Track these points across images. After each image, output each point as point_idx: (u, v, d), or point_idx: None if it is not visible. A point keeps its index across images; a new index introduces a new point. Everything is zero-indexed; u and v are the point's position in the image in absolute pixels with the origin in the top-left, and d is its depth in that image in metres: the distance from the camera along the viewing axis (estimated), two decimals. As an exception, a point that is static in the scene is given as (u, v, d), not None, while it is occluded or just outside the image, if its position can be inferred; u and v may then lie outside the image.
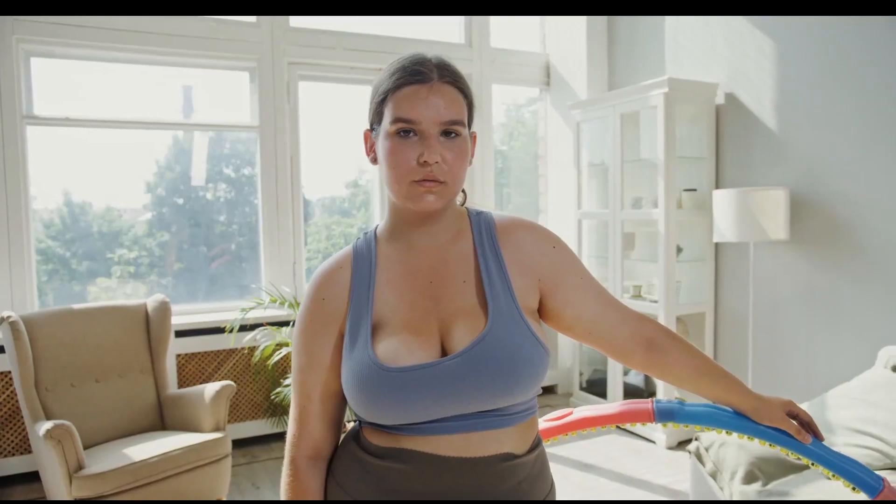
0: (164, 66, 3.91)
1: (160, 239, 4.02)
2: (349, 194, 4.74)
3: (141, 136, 3.93)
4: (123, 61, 3.80)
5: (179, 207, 4.07)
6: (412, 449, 0.92)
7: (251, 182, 4.21)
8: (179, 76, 4.01)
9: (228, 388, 2.96)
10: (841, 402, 2.59)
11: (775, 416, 1.12)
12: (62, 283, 3.80)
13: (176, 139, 4.05)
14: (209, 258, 4.11)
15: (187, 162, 4.07)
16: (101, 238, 3.89)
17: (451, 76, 0.99)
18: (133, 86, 3.92)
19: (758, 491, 2.30)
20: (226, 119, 4.08)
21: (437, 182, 0.96)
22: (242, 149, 4.22)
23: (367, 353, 0.93)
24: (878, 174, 3.00)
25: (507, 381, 0.91)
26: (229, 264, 4.18)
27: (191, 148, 4.08)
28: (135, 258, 3.99)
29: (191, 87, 4.07)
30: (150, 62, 3.86)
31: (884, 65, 2.94)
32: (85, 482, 2.45)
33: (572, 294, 1.04)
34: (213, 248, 4.12)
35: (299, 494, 0.99)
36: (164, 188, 4.04)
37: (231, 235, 4.17)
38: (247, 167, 4.24)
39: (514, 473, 0.95)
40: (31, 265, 3.54)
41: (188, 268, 4.08)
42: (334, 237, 4.60)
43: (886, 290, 2.98)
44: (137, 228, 4.01)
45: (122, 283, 3.95)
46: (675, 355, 1.08)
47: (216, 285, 4.13)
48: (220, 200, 4.19)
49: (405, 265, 1.02)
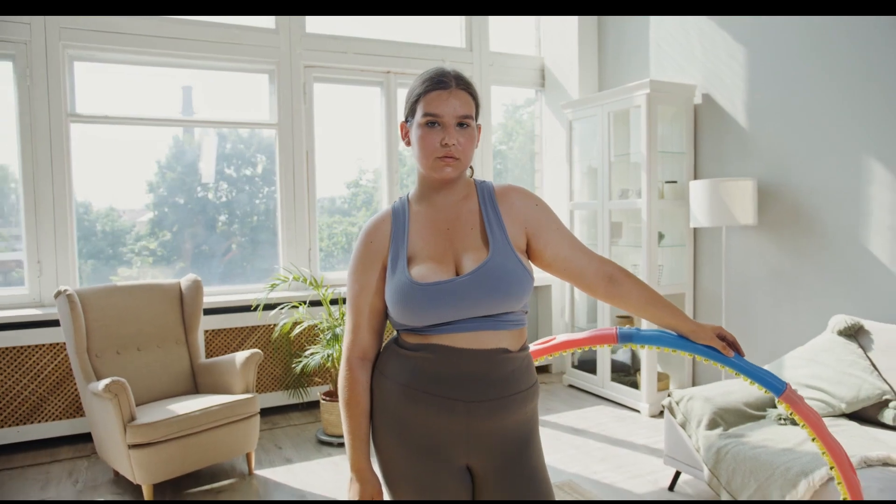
0: (192, 69, 4.29)
1: (174, 231, 4.34)
2: (350, 194, 5.03)
3: (156, 133, 4.25)
4: (154, 64, 4.18)
5: (193, 201, 4.40)
6: (436, 343, 1.29)
7: (251, 181, 4.55)
8: (204, 78, 4.38)
9: (256, 356, 3.33)
10: (795, 362, 2.97)
11: (708, 337, 1.48)
12: (93, 269, 4.16)
13: (176, 140, 4.36)
14: (221, 251, 4.46)
15: (204, 160, 4.40)
16: (112, 234, 4.22)
17: (465, 84, 1.36)
18: (159, 86, 4.29)
19: (719, 435, 2.68)
20: (246, 117, 4.45)
21: (453, 158, 1.34)
22: (243, 148, 4.56)
23: (405, 275, 1.31)
24: (834, 167, 3.38)
25: (501, 293, 1.28)
26: (244, 251, 4.53)
27: (200, 146, 4.40)
28: (153, 249, 4.33)
29: (190, 87, 4.39)
30: (179, 65, 4.24)
31: (841, 70, 3.32)
32: (138, 430, 2.83)
33: (550, 238, 1.41)
34: (222, 242, 4.46)
35: (351, 383, 1.36)
36: (169, 184, 4.36)
37: (232, 234, 4.49)
38: (248, 167, 4.57)
39: (509, 364, 1.32)
40: (74, 248, 3.91)
41: (204, 255, 4.42)
42: (336, 236, 4.92)
43: (838, 267, 3.36)
44: (142, 226, 4.32)
45: (142, 271, 4.30)
46: (628, 287, 1.45)
47: (233, 270, 4.49)
48: (220, 200, 4.50)
49: (429, 218, 1.39)
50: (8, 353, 3.57)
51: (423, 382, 1.30)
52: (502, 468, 1.33)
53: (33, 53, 3.72)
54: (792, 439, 2.52)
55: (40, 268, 3.80)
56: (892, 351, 2.76)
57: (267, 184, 4.59)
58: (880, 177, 3.17)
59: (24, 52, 3.72)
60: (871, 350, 2.82)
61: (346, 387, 1.38)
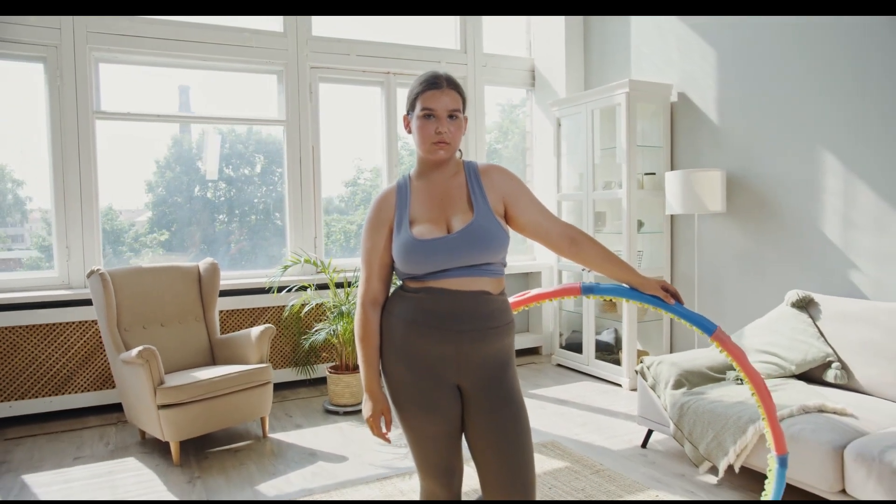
0: (207, 71, 4.63)
1: (172, 230, 4.67)
2: (348, 193, 5.31)
3: (156, 131, 4.56)
4: (173, 66, 4.52)
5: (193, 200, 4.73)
6: (433, 286, 1.63)
7: (250, 180, 4.89)
8: (218, 78, 4.72)
9: (270, 330, 3.67)
10: (754, 331, 3.32)
11: (654, 288, 1.82)
12: (114, 255, 4.49)
13: (175, 139, 4.67)
14: (227, 243, 4.80)
15: (209, 157, 4.71)
16: (112, 232, 4.55)
17: (453, 85, 1.70)
18: (172, 86, 4.63)
19: (683, 393, 3.03)
20: (257, 114, 4.79)
21: (445, 143, 1.68)
22: (242, 148, 4.89)
23: (408, 234, 1.65)
24: (794, 159, 3.73)
25: (483, 247, 1.62)
26: (251, 239, 4.85)
27: (204, 143, 4.71)
28: (165, 240, 4.66)
29: (187, 87, 4.71)
30: (194, 66, 4.58)
31: (801, 70, 3.67)
32: (167, 392, 3.16)
33: (524, 207, 1.75)
34: (225, 236, 4.80)
35: (365, 322, 1.70)
36: (168, 183, 4.68)
37: (231, 232, 4.82)
38: (246, 167, 4.89)
39: (489, 303, 1.66)
40: (99, 233, 4.24)
41: (212, 241, 4.75)
42: (334, 234, 5.24)
43: (796, 247, 3.72)
44: (140, 225, 4.66)
45: (156, 258, 4.63)
46: (588, 247, 1.78)
47: (243, 257, 4.83)
48: (220, 199, 4.82)
49: (426, 191, 1.73)
50: (41, 329, 3.90)
51: (423, 317, 1.64)
52: (485, 386, 1.67)
53: (62, 56, 4.06)
54: (744, 395, 2.87)
55: (69, 252, 4.14)
56: (836, 319, 3.11)
57: (266, 183, 4.91)
58: (833, 167, 3.52)
59: (55, 55, 4.06)
60: (819, 319, 3.18)
61: (360, 325, 1.72)
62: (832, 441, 2.40)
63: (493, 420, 1.66)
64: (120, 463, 3.29)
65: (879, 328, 2.92)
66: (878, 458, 2.24)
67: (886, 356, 2.85)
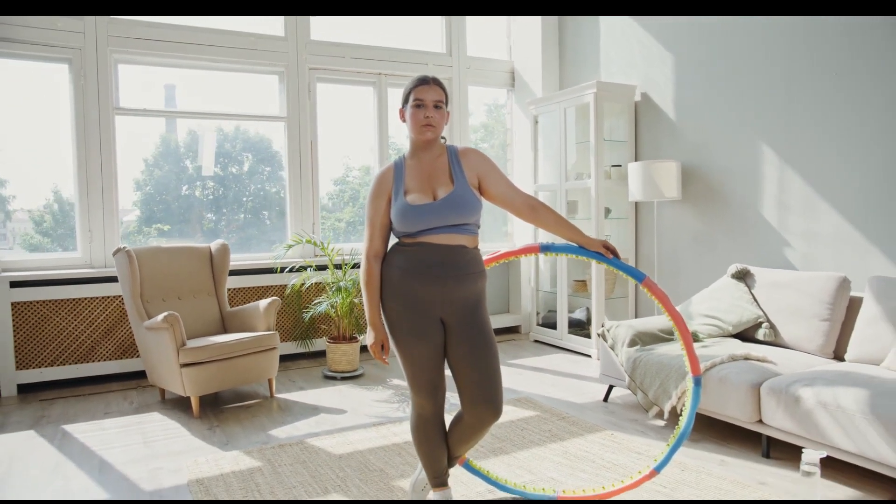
0: (215, 71, 5.07)
1: (165, 231, 5.13)
2: (336, 191, 5.68)
3: (144, 126, 4.99)
4: (185, 66, 4.96)
5: (180, 199, 5.20)
6: (423, 241, 2.11)
7: (238, 179, 5.33)
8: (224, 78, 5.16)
9: (276, 302, 4.13)
10: (700, 299, 3.83)
11: (597, 245, 2.30)
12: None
13: (166, 139, 5.11)
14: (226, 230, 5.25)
15: (205, 154, 5.12)
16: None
17: (439, 83, 2.18)
18: (184, 86, 5.07)
19: (636, 350, 3.53)
20: (260, 112, 5.24)
21: (431, 126, 2.16)
22: (229, 147, 5.33)
23: (403, 201, 2.13)
24: (739, 151, 4.25)
25: (461, 210, 2.10)
26: (251, 226, 5.30)
27: (202, 140, 5.14)
28: (168, 230, 5.09)
29: (173, 85, 5.10)
30: (204, 67, 5.02)
31: (744, 71, 4.19)
32: (189, 352, 3.62)
33: (493, 181, 2.23)
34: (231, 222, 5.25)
35: (369, 271, 2.17)
36: (157, 181, 5.15)
37: (227, 225, 5.29)
38: (234, 165, 5.32)
39: (466, 254, 2.14)
40: (118, 218, 4.68)
41: (213, 229, 5.20)
42: (325, 230, 5.65)
43: (739, 228, 4.24)
44: (129, 224, 5.13)
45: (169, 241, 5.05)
46: (544, 213, 2.27)
47: (247, 241, 5.28)
48: (208, 197, 5.29)
49: (417, 168, 2.21)
50: (67, 304, 4.34)
51: (415, 265, 2.12)
52: (462, 320, 2.15)
53: (86, 57, 4.49)
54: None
55: (91, 235, 4.57)
56: (768, 287, 3.62)
57: (253, 182, 5.33)
58: (770, 158, 4.04)
59: (79, 57, 4.49)
60: (754, 287, 3.69)
61: (365, 273, 2.19)
62: (751, 380, 2.91)
63: (468, 343, 2.14)
64: (146, 416, 3.74)
65: (801, 293, 3.43)
66: (785, 390, 2.75)
67: (804, 316, 3.37)
